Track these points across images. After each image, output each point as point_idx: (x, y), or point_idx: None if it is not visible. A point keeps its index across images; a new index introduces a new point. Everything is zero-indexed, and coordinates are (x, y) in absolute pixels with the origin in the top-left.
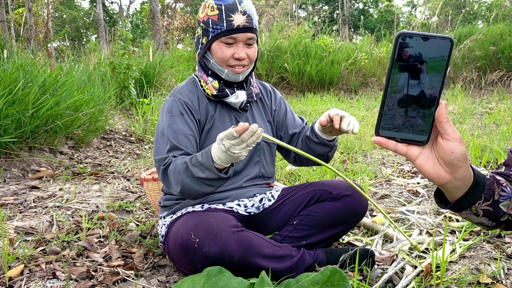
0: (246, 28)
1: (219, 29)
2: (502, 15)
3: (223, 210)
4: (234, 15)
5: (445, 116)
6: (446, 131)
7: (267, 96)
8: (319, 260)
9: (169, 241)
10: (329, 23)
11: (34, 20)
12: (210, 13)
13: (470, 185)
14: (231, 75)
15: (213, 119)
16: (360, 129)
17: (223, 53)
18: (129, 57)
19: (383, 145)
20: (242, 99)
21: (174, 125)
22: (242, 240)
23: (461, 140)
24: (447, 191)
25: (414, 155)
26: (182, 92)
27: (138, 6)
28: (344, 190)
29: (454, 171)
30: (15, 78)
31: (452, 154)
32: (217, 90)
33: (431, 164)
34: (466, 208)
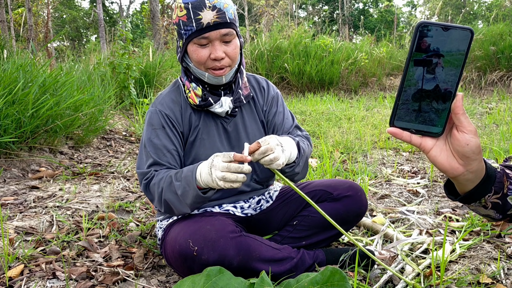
0: (218, 24)
1: (190, 30)
2: (502, 15)
3: (219, 213)
4: (202, 12)
5: (461, 108)
6: (461, 123)
7: (260, 94)
8: (319, 260)
9: (167, 247)
10: (329, 23)
11: (34, 20)
12: (180, 13)
13: (482, 178)
14: (212, 78)
15: (197, 129)
16: (360, 129)
17: (198, 55)
18: (129, 57)
19: (398, 136)
20: (226, 108)
21: (156, 139)
22: (241, 246)
23: (476, 132)
24: (459, 183)
25: (428, 147)
26: (164, 102)
27: (138, 6)
28: (344, 190)
29: (468, 164)
30: (15, 78)
31: (467, 146)
32: (200, 98)
33: (445, 156)
34: (476, 200)
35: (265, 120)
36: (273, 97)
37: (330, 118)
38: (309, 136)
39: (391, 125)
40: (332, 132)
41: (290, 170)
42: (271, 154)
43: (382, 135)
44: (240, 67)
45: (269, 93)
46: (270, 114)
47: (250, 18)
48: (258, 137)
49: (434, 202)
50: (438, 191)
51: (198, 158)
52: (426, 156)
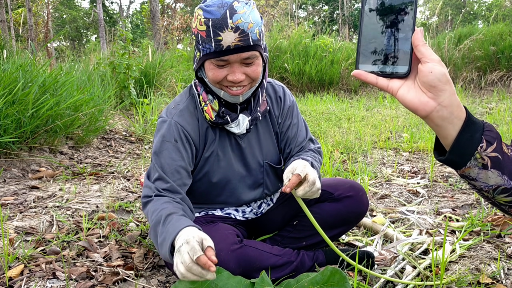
0: (239, 48)
1: (208, 49)
2: (502, 15)
3: (220, 217)
4: (223, 33)
5: (421, 39)
6: (423, 54)
7: (276, 104)
8: (319, 261)
9: None
10: (329, 23)
11: (34, 20)
12: (199, 27)
13: (464, 120)
14: (228, 97)
15: (213, 145)
16: (360, 129)
17: (214, 74)
18: (129, 57)
19: (363, 78)
20: (243, 130)
21: (165, 152)
22: (242, 258)
23: (440, 61)
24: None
25: (395, 87)
26: (181, 115)
27: (138, 6)
28: (345, 191)
29: (437, 95)
30: (15, 78)
31: (431, 74)
32: (216, 113)
33: (413, 92)
34: (469, 155)
35: (279, 131)
36: (288, 108)
37: (330, 118)
38: (321, 150)
39: (356, 68)
40: (332, 132)
41: None
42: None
43: (382, 135)
44: (262, 83)
45: (285, 104)
46: (284, 126)
47: None
48: (272, 151)
49: (434, 202)
50: (438, 191)
51: (211, 174)
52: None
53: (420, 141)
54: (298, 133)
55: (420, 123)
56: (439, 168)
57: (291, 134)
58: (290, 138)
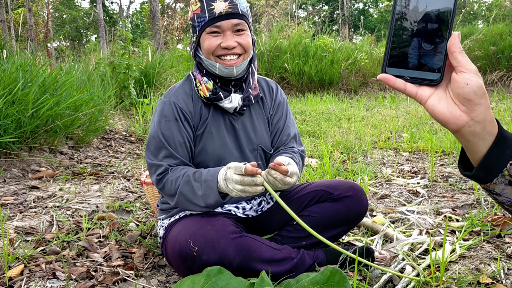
0: (229, 14)
1: (203, 21)
2: (502, 15)
3: (221, 213)
4: (215, 2)
5: (458, 46)
6: (459, 62)
7: (269, 94)
8: (319, 260)
9: (167, 246)
10: (329, 23)
11: (34, 20)
12: (194, 8)
13: (495, 136)
14: (223, 68)
15: (206, 123)
16: (360, 129)
17: (209, 43)
18: (129, 57)
19: (390, 84)
20: (236, 105)
21: (169, 131)
22: (241, 247)
23: (477, 72)
24: (467, 141)
25: (425, 96)
26: (178, 94)
27: (138, 6)
28: (345, 191)
29: (471, 109)
30: (14, 78)
31: (467, 86)
32: (210, 92)
33: (444, 104)
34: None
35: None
36: (280, 102)
37: (330, 118)
38: (304, 154)
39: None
40: (332, 132)
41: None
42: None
43: (382, 135)
44: (252, 66)
45: (277, 96)
46: (274, 118)
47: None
48: (265, 137)
49: (434, 202)
50: (438, 191)
51: (205, 150)
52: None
53: (420, 141)
54: (284, 128)
55: (420, 123)
56: (439, 168)
57: (280, 127)
58: (279, 130)
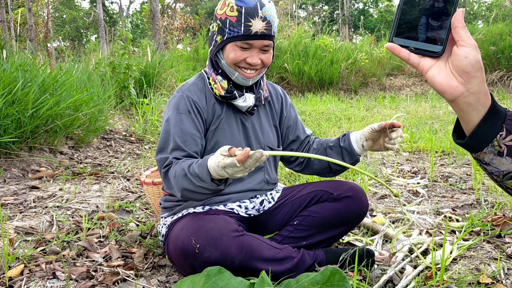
0: (264, 35)
1: (236, 32)
2: (502, 15)
3: (223, 212)
4: (254, 20)
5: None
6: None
7: (277, 100)
8: (319, 260)
9: (169, 244)
10: (329, 23)
11: (34, 20)
12: (229, 13)
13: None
14: (241, 78)
15: (219, 119)
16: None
17: (236, 54)
18: (129, 57)
19: (396, 52)
20: (250, 104)
21: (180, 123)
22: (243, 245)
23: (477, 47)
24: (462, 110)
25: (426, 66)
26: (191, 89)
27: (138, 6)
28: (345, 191)
29: (467, 81)
30: (14, 78)
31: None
32: (225, 90)
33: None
34: (487, 142)
35: (279, 126)
36: (290, 104)
37: (330, 118)
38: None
39: (390, 41)
40: (332, 132)
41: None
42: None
43: None
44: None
45: (286, 100)
46: (291, 119)
47: None
48: (271, 138)
49: (434, 202)
50: (438, 191)
51: (219, 145)
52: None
53: (420, 141)
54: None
55: (420, 123)
56: (439, 168)
57: (299, 125)
58: (300, 127)
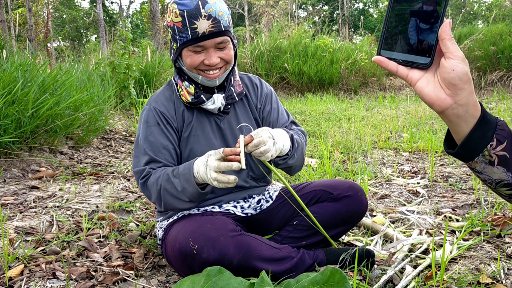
0: (213, 33)
1: (185, 38)
2: (502, 15)
3: (219, 213)
4: (198, 21)
5: (449, 33)
6: (448, 49)
7: (253, 92)
8: (319, 260)
9: (167, 246)
10: (329, 23)
11: (34, 20)
12: (175, 19)
13: (478, 119)
14: (206, 81)
15: (190, 126)
16: (360, 129)
17: (192, 59)
18: (129, 57)
19: (384, 65)
20: (219, 105)
21: (151, 136)
22: (241, 245)
23: (464, 59)
24: (451, 122)
25: (415, 78)
26: (158, 100)
27: (138, 6)
28: (344, 190)
29: (455, 93)
30: (14, 78)
31: (453, 72)
32: (192, 96)
33: (432, 86)
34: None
35: (259, 118)
36: (266, 94)
37: (330, 118)
38: (305, 131)
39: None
40: (332, 132)
41: (283, 162)
42: (262, 146)
43: (382, 135)
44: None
45: (262, 90)
46: (265, 111)
47: (250, 18)
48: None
49: (434, 202)
50: (438, 191)
51: (194, 153)
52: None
53: (420, 141)
54: (279, 117)
55: (420, 123)
56: (439, 168)
57: (272, 118)
58: (272, 121)
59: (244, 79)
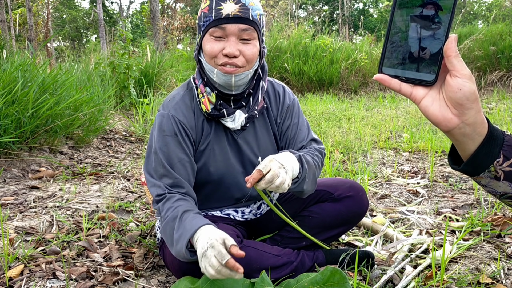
0: (237, 18)
1: (208, 20)
2: (502, 15)
3: (219, 218)
4: (225, 3)
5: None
6: (454, 67)
7: (275, 102)
8: (319, 261)
9: (165, 250)
10: (329, 23)
11: (34, 20)
12: (203, 6)
13: (485, 136)
14: (221, 75)
15: (208, 138)
16: (360, 129)
17: (210, 46)
18: (129, 57)
19: (386, 84)
20: (238, 126)
21: (167, 147)
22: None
23: (471, 77)
24: (457, 140)
25: (419, 96)
26: (178, 108)
27: (138, 6)
28: (345, 191)
29: (462, 113)
30: (14, 78)
31: (460, 91)
32: (213, 106)
33: (437, 106)
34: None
35: (278, 132)
36: (288, 107)
37: (330, 118)
38: (323, 151)
39: (380, 72)
40: (332, 132)
41: (295, 187)
42: (276, 179)
43: (382, 135)
44: (261, 83)
45: (284, 103)
46: (284, 126)
47: None
48: (269, 150)
49: (434, 202)
50: (438, 191)
51: (207, 167)
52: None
53: (420, 141)
54: (297, 133)
55: (420, 123)
56: (439, 168)
57: (290, 134)
58: (289, 138)
59: (267, 87)
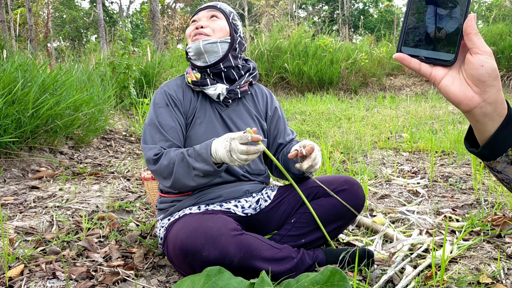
0: (207, 6)
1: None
2: (502, 15)
3: (220, 212)
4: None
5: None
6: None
7: (262, 98)
8: (319, 260)
9: (169, 244)
10: (329, 23)
11: (34, 20)
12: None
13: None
14: (192, 45)
15: (195, 109)
16: (360, 129)
17: (189, 29)
18: (129, 57)
19: (406, 63)
20: (219, 92)
21: (160, 116)
22: (242, 244)
23: (492, 54)
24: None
25: (439, 76)
26: (169, 84)
27: (138, 6)
28: (340, 185)
29: (484, 91)
30: (14, 78)
31: (482, 68)
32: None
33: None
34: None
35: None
36: (276, 108)
37: (330, 118)
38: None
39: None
40: (332, 132)
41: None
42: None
43: (382, 135)
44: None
45: (272, 101)
46: (274, 120)
47: (250, 18)
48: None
49: (434, 202)
50: (438, 191)
51: (196, 136)
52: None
53: (420, 141)
54: (286, 128)
55: (420, 123)
56: (439, 168)
57: (281, 128)
58: (281, 131)
59: (256, 88)
